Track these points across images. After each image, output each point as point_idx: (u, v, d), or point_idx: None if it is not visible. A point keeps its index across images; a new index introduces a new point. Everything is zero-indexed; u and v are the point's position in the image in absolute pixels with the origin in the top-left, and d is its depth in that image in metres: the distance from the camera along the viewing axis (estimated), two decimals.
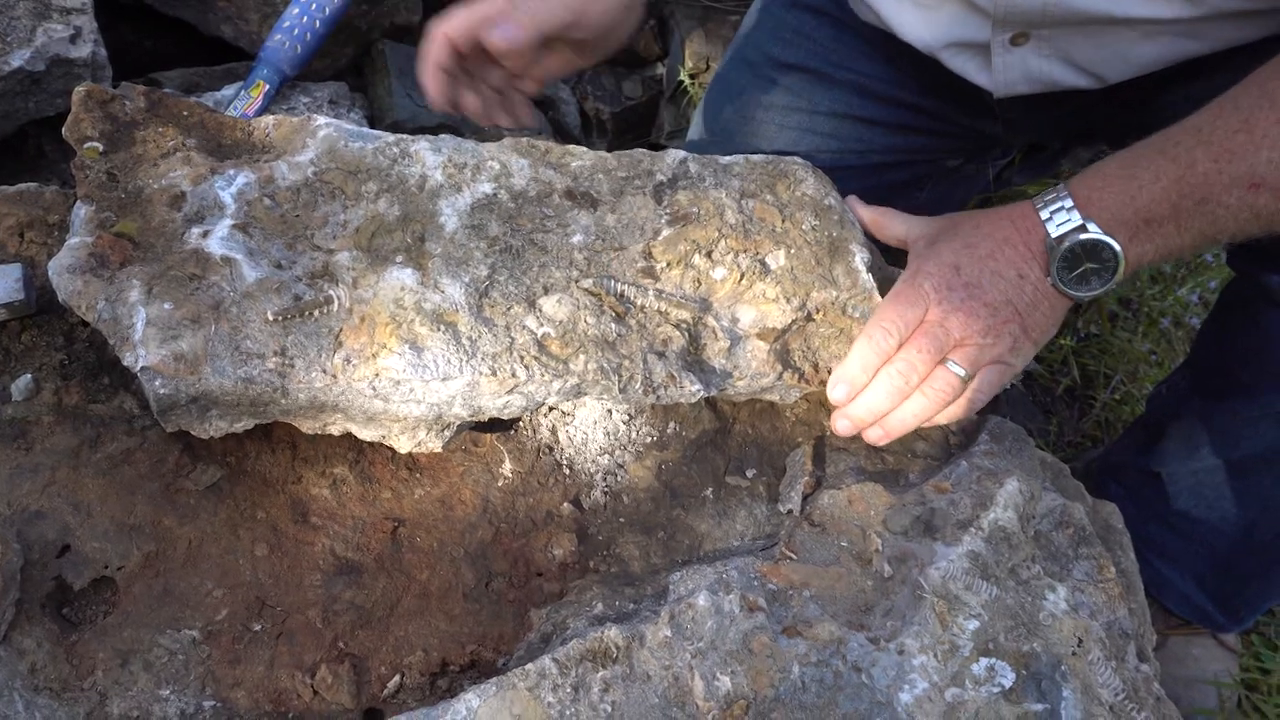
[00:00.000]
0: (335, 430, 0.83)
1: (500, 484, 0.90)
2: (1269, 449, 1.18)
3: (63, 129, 0.86)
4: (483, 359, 0.81)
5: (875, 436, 0.93)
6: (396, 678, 0.80)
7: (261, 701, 0.76)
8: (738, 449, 0.97)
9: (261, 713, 0.76)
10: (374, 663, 0.80)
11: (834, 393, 0.92)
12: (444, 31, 1.03)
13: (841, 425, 0.93)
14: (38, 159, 1.09)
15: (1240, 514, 1.24)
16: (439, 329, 0.81)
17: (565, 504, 0.90)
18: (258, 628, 0.79)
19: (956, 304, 0.90)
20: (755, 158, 1.03)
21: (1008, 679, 0.81)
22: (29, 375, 0.83)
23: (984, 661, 0.82)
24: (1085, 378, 1.66)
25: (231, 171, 0.87)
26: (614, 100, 1.97)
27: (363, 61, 1.65)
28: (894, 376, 0.91)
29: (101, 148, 0.86)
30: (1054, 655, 0.83)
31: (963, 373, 0.91)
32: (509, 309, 0.84)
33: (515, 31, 1.00)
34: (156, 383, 0.75)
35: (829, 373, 0.92)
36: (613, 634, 0.76)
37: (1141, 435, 1.39)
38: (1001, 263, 0.92)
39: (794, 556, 0.87)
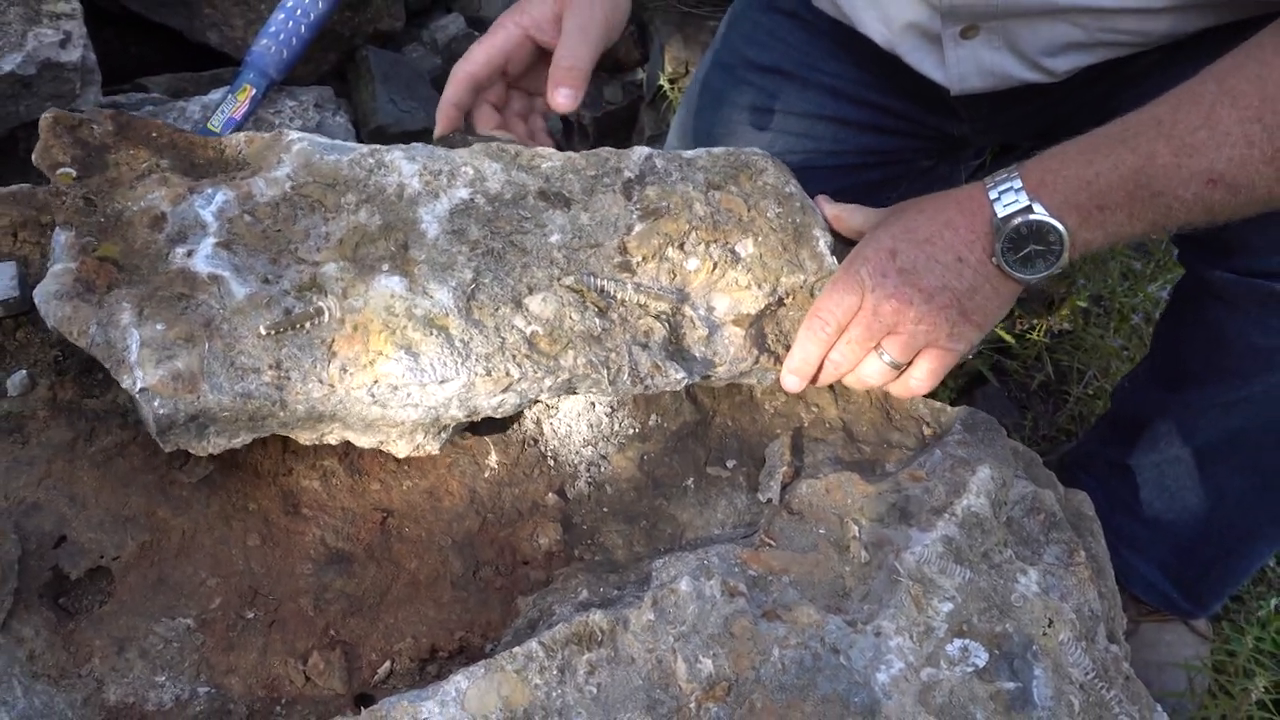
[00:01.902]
0: (333, 439, 0.85)
1: (486, 475, 0.92)
2: (1222, 439, 1.21)
3: (33, 155, 0.87)
4: (477, 360, 0.83)
5: None
6: (387, 664, 0.81)
7: (255, 687, 0.78)
8: (718, 440, 0.99)
9: (255, 699, 0.78)
10: (365, 649, 0.82)
11: (787, 383, 0.97)
12: (468, 71, 1.08)
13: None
14: (27, 162, 1.11)
15: (1200, 503, 1.27)
16: (432, 333, 0.83)
17: (550, 494, 0.92)
18: (251, 616, 0.81)
19: (890, 290, 0.92)
20: (716, 150, 1.05)
21: (981, 659, 0.84)
22: (24, 371, 0.84)
23: (958, 642, 0.84)
24: (1059, 373, 1.69)
25: (210, 190, 0.88)
26: (594, 105, 2.00)
27: (346, 67, 1.67)
28: (829, 368, 0.96)
29: (75, 173, 0.87)
30: (1026, 636, 0.86)
31: (892, 360, 0.94)
32: (497, 310, 0.87)
33: (576, 88, 1.05)
34: (155, 403, 0.76)
35: None
36: (597, 618, 0.78)
37: (1108, 428, 1.42)
38: (939, 247, 0.92)
39: (773, 544, 0.89)
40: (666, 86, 1.97)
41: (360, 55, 1.65)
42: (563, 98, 1.04)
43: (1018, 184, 0.90)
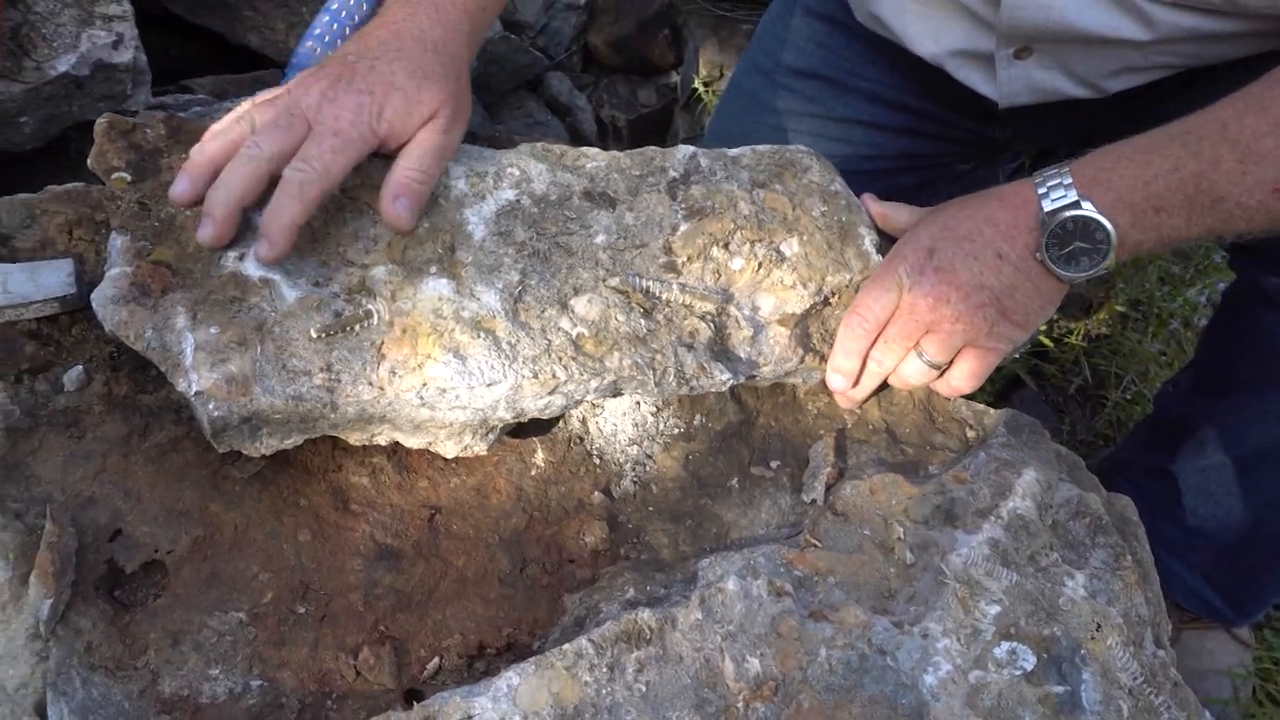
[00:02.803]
0: (382, 440, 0.86)
1: (533, 473, 0.93)
2: (1271, 446, 1.20)
3: (89, 160, 0.89)
4: (524, 362, 0.83)
5: None
6: (435, 660, 0.82)
7: (306, 681, 0.79)
8: (761, 440, 0.99)
9: (306, 692, 0.79)
10: (414, 645, 0.82)
11: (832, 382, 0.97)
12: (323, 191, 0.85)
13: (843, 402, 1.00)
14: (78, 161, 1.13)
15: (1245, 510, 1.26)
16: (479, 336, 0.83)
17: (596, 493, 0.92)
18: (302, 610, 0.81)
19: (926, 289, 0.91)
20: (761, 148, 1.05)
21: (1029, 662, 0.83)
22: (80, 366, 0.86)
23: (1005, 645, 0.84)
24: (1097, 378, 1.68)
25: None
26: (629, 107, 2.00)
27: None
28: (871, 369, 0.95)
29: (129, 177, 0.89)
30: (1073, 639, 0.85)
31: (931, 360, 0.94)
32: (543, 312, 0.87)
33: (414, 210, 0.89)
34: (210, 406, 0.77)
35: None
36: (646, 616, 0.78)
37: (1149, 434, 1.41)
38: (978, 244, 0.91)
39: (818, 544, 0.89)
40: (701, 89, 1.97)
41: None
42: (403, 209, 0.88)
43: (1067, 180, 0.90)
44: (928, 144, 1.42)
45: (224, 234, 0.84)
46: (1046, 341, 1.66)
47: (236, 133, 0.87)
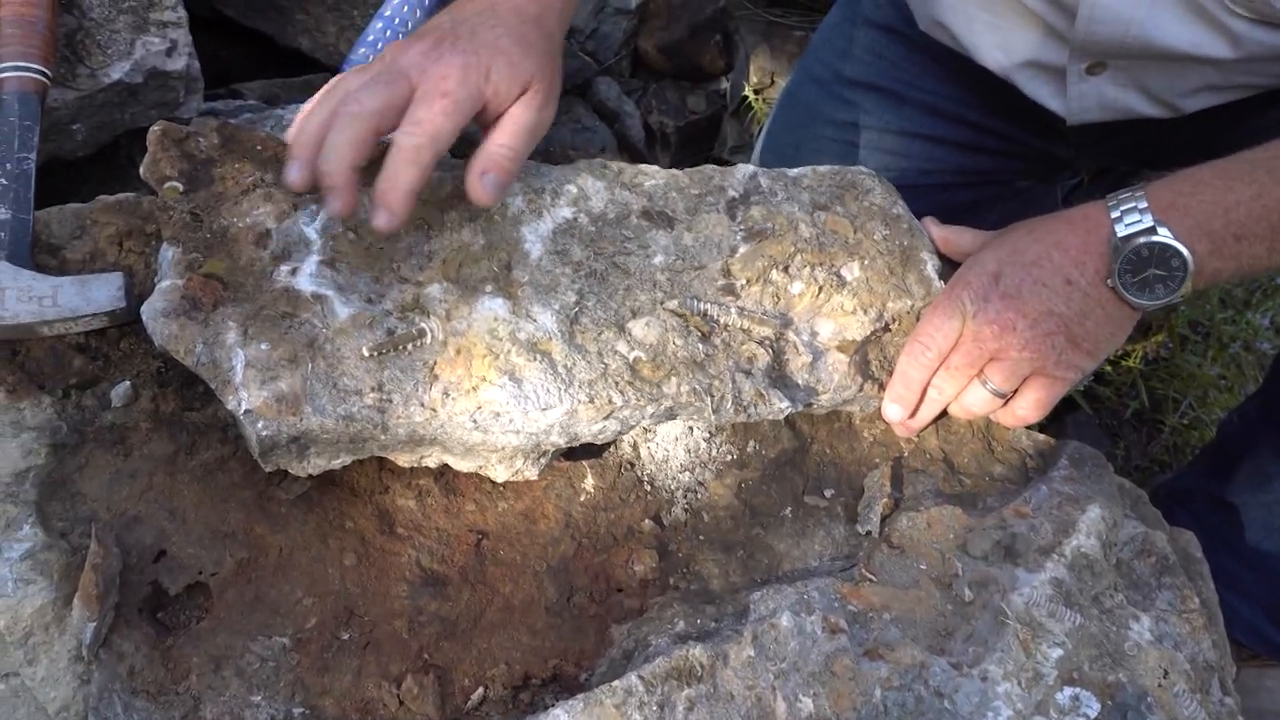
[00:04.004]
0: (431, 462, 0.84)
1: (582, 499, 0.91)
2: None
3: (141, 169, 0.88)
4: (580, 387, 0.81)
5: None
6: (480, 690, 0.80)
7: (349, 710, 0.77)
8: (816, 469, 0.97)
9: None
10: (458, 674, 0.81)
11: (889, 412, 0.94)
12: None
13: (900, 431, 0.97)
14: (128, 168, 1.12)
15: None
16: (535, 359, 0.81)
17: (646, 520, 0.90)
18: (346, 637, 0.80)
19: (991, 316, 0.88)
20: (822, 169, 1.03)
21: (1093, 709, 0.80)
22: (127, 381, 0.84)
23: (1068, 690, 0.81)
24: (1154, 402, 1.64)
25: (314, 206, 0.88)
26: (678, 114, 1.98)
27: None
28: (931, 397, 0.92)
29: (182, 187, 0.87)
30: (1140, 686, 0.82)
31: (996, 388, 0.90)
32: (599, 334, 0.85)
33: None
34: (259, 424, 0.75)
35: None
36: (697, 652, 0.76)
37: (1211, 463, 1.37)
38: (1047, 269, 0.88)
39: (874, 578, 0.87)
40: (751, 97, 1.94)
41: None
42: (490, 185, 0.86)
43: (1143, 204, 0.86)
44: (987, 159, 1.38)
45: (350, 201, 0.81)
46: (1104, 365, 1.62)
47: (332, 103, 0.83)
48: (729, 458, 0.95)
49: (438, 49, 0.83)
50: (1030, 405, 0.92)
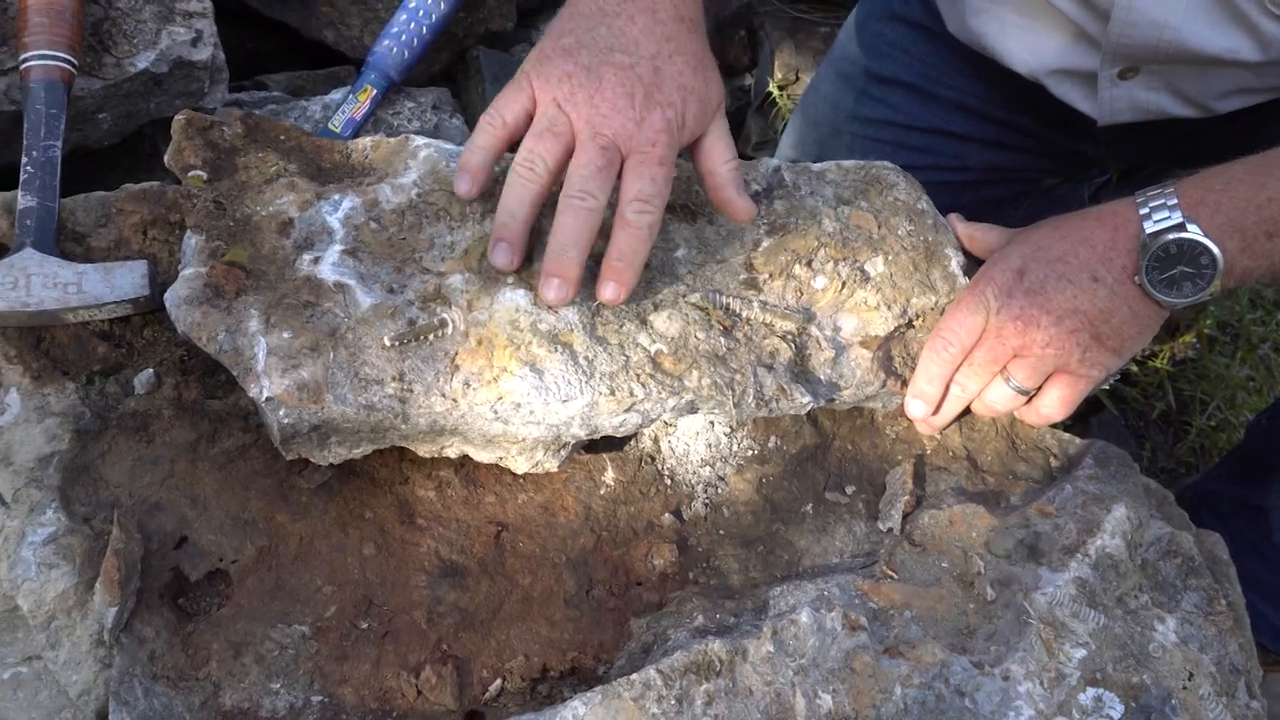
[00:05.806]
0: (452, 453, 0.84)
1: (602, 492, 0.90)
2: None
3: (165, 158, 0.88)
4: (601, 378, 0.81)
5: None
6: (498, 681, 0.80)
7: (367, 699, 0.77)
8: (837, 465, 0.96)
9: (367, 710, 0.77)
10: (476, 665, 0.80)
11: (912, 409, 0.93)
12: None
13: (923, 428, 0.96)
14: (152, 158, 1.12)
15: None
16: (556, 350, 0.81)
17: (666, 514, 0.90)
18: (365, 626, 0.80)
19: (1015, 312, 0.87)
20: (847, 164, 1.02)
21: (1116, 711, 0.79)
22: (150, 370, 0.85)
23: (1091, 691, 0.80)
24: (1181, 403, 1.62)
25: (336, 196, 0.88)
26: None
27: (455, 67, 1.66)
28: (954, 394, 0.92)
29: (206, 176, 0.88)
30: (1164, 688, 0.81)
31: (1019, 386, 0.90)
32: (621, 327, 0.84)
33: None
34: (280, 412, 0.75)
35: None
36: (716, 647, 0.75)
37: (1239, 465, 1.36)
38: (1072, 265, 0.88)
39: (894, 576, 0.86)
40: (776, 93, 1.93)
41: (471, 55, 1.64)
42: (749, 200, 0.89)
43: (1172, 200, 0.85)
44: (1014, 157, 1.37)
45: (520, 259, 0.84)
46: (1130, 365, 1.60)
47: (499, 135, 0.85)
48: (750, 453, 0.94)
49: (632, 104, 0.82)
50: (1054, 403, 0.91)
